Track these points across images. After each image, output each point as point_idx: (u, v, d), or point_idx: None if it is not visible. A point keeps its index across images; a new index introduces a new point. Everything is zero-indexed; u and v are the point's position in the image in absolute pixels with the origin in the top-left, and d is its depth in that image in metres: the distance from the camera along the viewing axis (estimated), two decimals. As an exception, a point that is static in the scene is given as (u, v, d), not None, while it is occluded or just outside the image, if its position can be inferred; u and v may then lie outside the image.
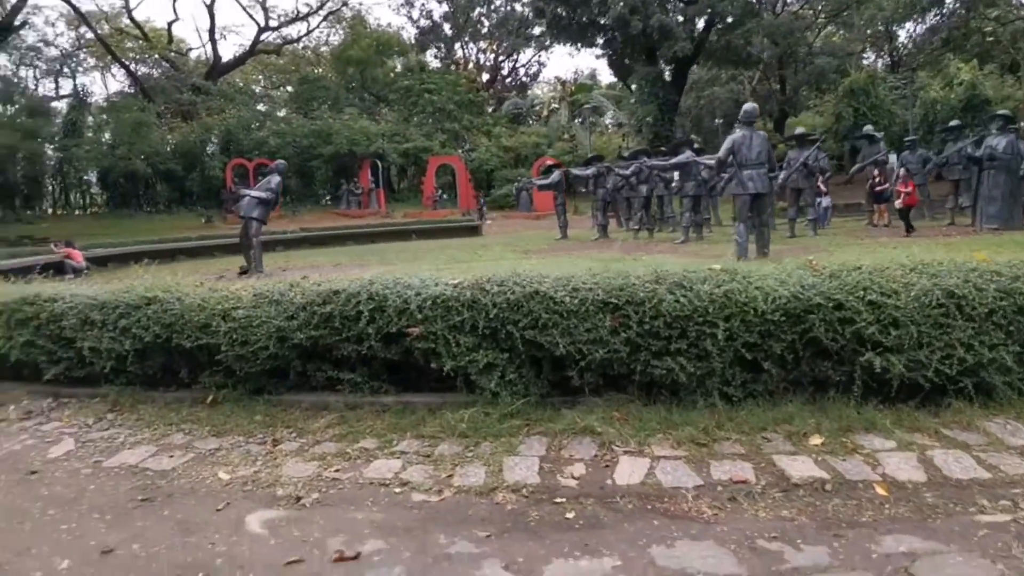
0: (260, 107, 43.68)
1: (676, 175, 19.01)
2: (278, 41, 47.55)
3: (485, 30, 47.99)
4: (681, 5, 25.55)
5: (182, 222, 32.48)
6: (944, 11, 23.17)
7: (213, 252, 21.46)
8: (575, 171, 20.87)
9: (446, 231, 26.23)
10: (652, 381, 4.00)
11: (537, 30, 40.98)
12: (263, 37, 45.08)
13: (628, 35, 25.74)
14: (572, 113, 41.21)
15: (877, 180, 18.07)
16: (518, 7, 44.92)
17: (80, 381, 5.00)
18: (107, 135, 37.45)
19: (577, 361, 3.96)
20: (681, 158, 17.22)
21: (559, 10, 26.69)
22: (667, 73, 27.96)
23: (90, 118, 39.51)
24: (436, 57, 50.40)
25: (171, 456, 3.90)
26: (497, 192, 36.34)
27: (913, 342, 3.67)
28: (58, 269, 15.09)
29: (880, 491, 3.07)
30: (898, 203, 15.13)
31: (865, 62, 43.01)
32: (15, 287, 5.37)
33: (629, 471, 3.41)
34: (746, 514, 2.94)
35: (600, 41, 29.01)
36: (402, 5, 46.99)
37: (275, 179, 14.24)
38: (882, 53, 44.74)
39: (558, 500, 3.15)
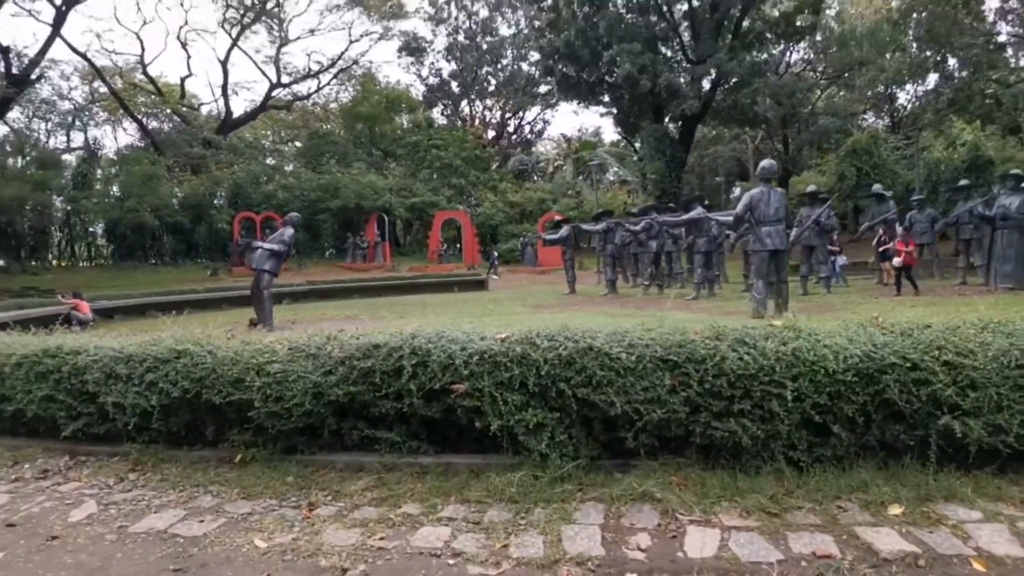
0: (269, 161, 44.15)
1: (683, 231, 19.07)
2: (288, 97, 48.33)
3: (492, 88, 48.86)
4: (688, 65, 26.00)
5: (187, 275, 32.43)
6: (947, 73, 23.61)
7: (220, 305, 21.30)
8: (585, 226, 20.90)
9: (452, 285, 26.16)
10: (712, 444, 3.77)
11: (543, 88, 41.74)
12: (274, 93, 45.85)
13: (636, 94, 26.10)
14: (577, 170, 41.60)
15: (883, 239, 18.05)
16: (525, 67, 45.99)
17: (99, 438, 4.76)
18: (115, 187, 37.65)
19: (633, 422, 3.74)
20: (693, 214, 17.20)
21: (567, 70, 27.15)
22: (674, 130, 28.33)
23: (99, 171, 39.80)
24: (443, 114, 51.26)
25: (201, 521, 3.65)
26: (503, 247, 36.39)
27: (992, 405, 3.47)
28: (64, 320, 14.87)
29: (978, 567, 2.83)
30: (897, 261, 14.83)
31: (865, 123, 43.68)
32: (35, 339, 5.17)
33: (700, 543, 3.16)
34: (840, 594, 2.69)
35: (607, 99, 29.46)
36: (412, 63, 47.94)
37: (288, 231, 14.17)
38: (882, 114, 45.43)
39: None
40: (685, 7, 26.92)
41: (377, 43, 65.33)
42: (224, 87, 43.39)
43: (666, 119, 28.69)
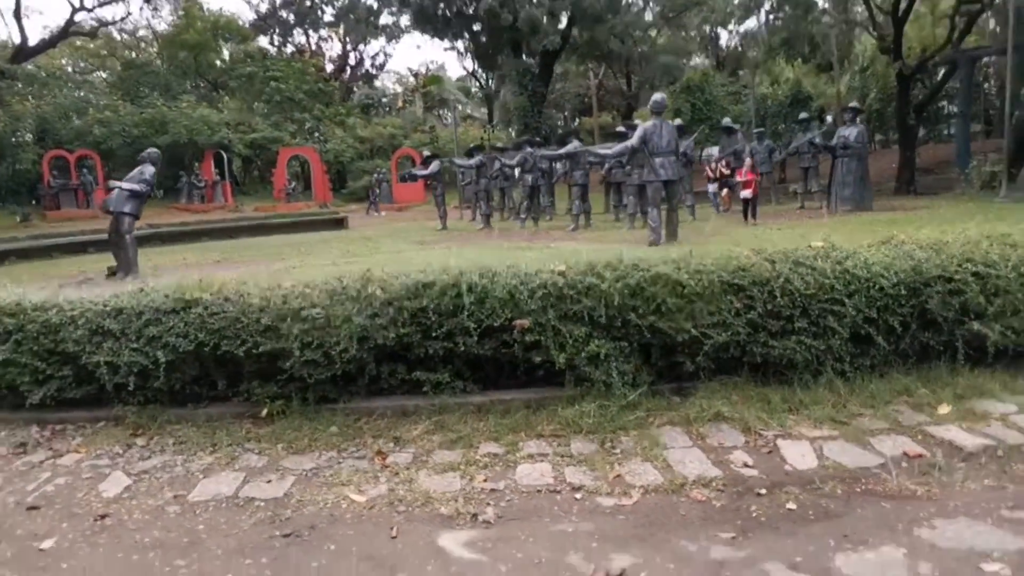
0: (78, 93, 39.00)
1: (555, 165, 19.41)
2: (93, 22, 42.73)
3: (328, 17, 45.94)
4: (548, 0, 25.93)
5: (-10, 221, 28.51)
6: (775, 13, 25.36)
7: (50, 253, 19.01)
8: (458, 161, 20.58)
9: (310, 225, 24.96)
10: (766, 362, 3.93)
11: (386, 19, 40.01)
12: (77, 18, 40.31)
13: (496, 27, 25.64)
14: (426, 104, 40.63)
15: (722, 169, 19.21)
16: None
17: (72, 404, 4.13)
18: None
19: (698, 346, 3.81)
20: (570, 148, 17.48)
21: (425, 1, 26.12)
22: (534, 65, 28.32)
23: None
24: (272, 44, 47.61)
25: (268, 481, 3.31)
26: (355, 184, 35.05)
27: (1012, 309, 3.88)
28: None
29: (1051, 452, 3.20)
30: (748, 193, 14.95)
31: (693, 62, 46.08)
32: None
33: (799, 455, 3.32)
34: (956, 487, 2.94)
35: (464, 32, 28.78)
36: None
37: (149, 169, 12.87)
38: (708, 54, 48.03)
39: (760, 491, 2.99)
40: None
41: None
42: (17, 10, 37.43)
43: (524, 54, 28.60)
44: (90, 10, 41.16)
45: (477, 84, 49.00)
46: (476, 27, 28.08)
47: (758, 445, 3.45)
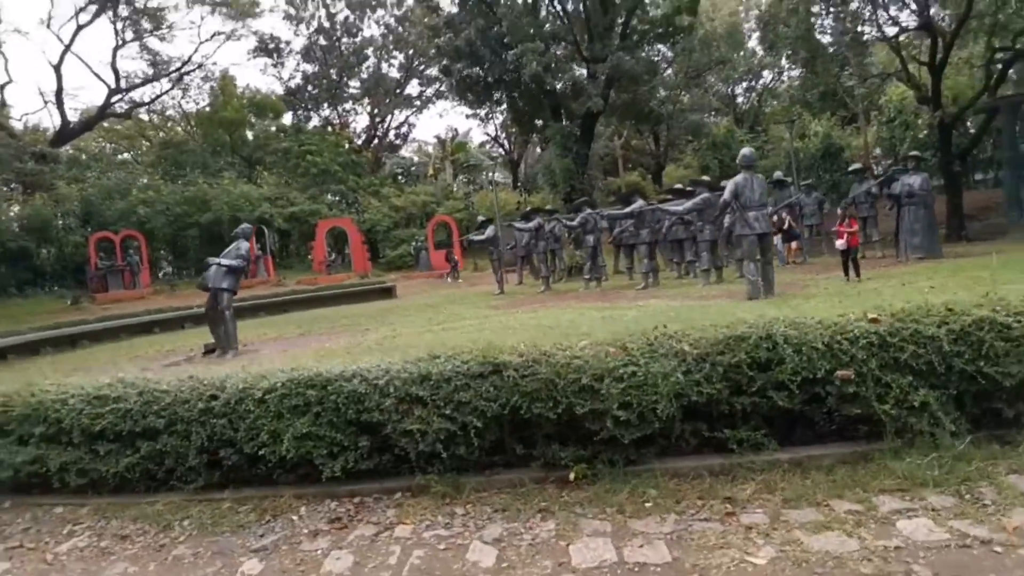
0: (117, 175, 39.89)
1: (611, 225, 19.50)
2: (127, 104, 44.03)
3: (353, 91, 47.29)
4: (585, 64, 26.56)
5: (40, 306, 28.57)
6: (813, 70, 25.84)
7: (118, 335, 19.03)
8: (517, 225, 20.75)
9: (360, 295, 25.07)
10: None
11: (414, 90, 41.05)
12: (113, 100, 41.58)
13: (539, 92, 26.24)
14: (455, 172, 41.34)
15: (787, 222, 19.34)
16: (385, 68, 45.14)
17: (362, 476, 4.02)
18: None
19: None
20: (635, 207, 17.61)
21: (467, 70, 26.83)
22: (576, 128, 28.91)
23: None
24: (298, 119, 48.83)
25: (641, 546, 3.18)
26: (392, 253, 35.34)
27: None
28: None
29: None
30: (840, 244, 13.60)
31: (713, 119, 47.08)
32: (271, 368, 4.28)
33: None
34: None
35: (504, 99, 29.50)
36: (272, 65, 45.34)
37: (243, 245, 12.99)
38: (727, 111, 49.07)
39: None
40: (571, 7, 27.62)
41: (224, 44, 61.43)
42: (59, 94, 38.68)
43: (563, 117, 29.21)
44: (125, 91, 42.56)
45: (501, 149, 49.93)
46: (514, 94, 28.76)
47: None
